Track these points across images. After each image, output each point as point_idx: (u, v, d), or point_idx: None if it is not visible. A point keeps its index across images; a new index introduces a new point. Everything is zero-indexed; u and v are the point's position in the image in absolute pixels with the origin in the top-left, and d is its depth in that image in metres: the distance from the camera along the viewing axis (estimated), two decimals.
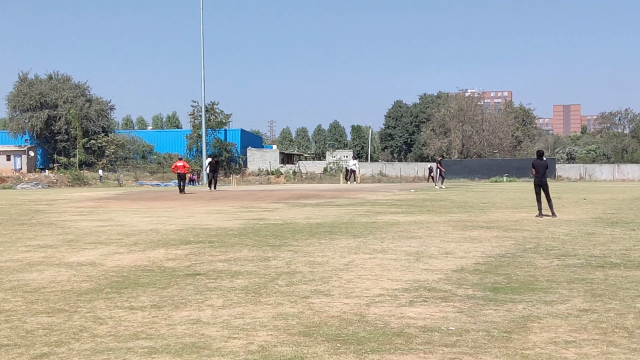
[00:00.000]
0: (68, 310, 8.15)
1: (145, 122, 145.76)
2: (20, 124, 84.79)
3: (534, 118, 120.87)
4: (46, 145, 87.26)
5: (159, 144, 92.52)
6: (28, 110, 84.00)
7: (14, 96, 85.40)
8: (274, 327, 7.26)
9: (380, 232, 17.14)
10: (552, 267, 11.28)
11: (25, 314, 8.01)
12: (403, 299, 8.68)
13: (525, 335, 6.87)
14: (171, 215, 23.24)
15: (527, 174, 68.01)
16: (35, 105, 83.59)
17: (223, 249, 13.79)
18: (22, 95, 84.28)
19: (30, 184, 64.86)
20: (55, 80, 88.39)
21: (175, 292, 9.25)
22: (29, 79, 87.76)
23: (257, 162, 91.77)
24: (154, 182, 73.40)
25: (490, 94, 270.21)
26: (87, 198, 36.46)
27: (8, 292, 9.34)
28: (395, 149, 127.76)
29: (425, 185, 62.16)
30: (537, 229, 17.81)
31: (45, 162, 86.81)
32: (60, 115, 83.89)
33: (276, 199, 33.15)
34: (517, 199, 32.93)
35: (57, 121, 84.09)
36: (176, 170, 41.35)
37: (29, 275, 10.79)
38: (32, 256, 13.05)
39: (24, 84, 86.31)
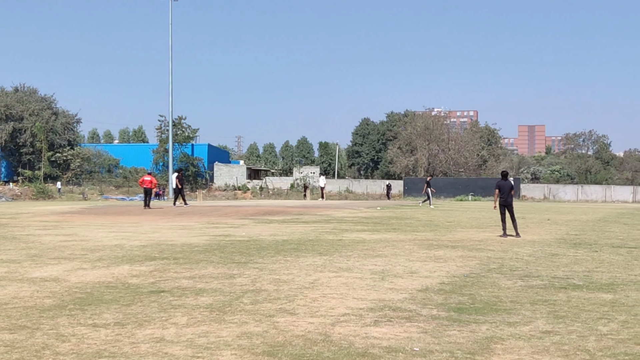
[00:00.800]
0: (30, 327, 8.07)
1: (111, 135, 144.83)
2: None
3: (499, 138, 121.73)
4: (11, 157, 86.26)
5: (125, 158, 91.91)
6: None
7: None
8: (238, 346, 7.24)
9: (346, 250, 17.17)
10: (515, 287, 11.36)
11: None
12: (368, 318, 8.70)
13: (489, 356, 6.92)
14: (136, 231, 23.09)
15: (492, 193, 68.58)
16: (0, 118, 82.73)
17: (188, 266, 13.73)
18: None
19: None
20: (21, 93, 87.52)
21: (139, 309, 9.20)
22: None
23: (224, 177, 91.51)
24: (120, 196, 72.87)
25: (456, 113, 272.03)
26: (51, 212, 36.11)
27: None
28: (362, 166, 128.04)
29: (391, 203, 62.29)
30: (501, 249, 17.93)
31: (10, 174, 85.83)
32: (26, 128, 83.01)
33: (242, 215, 33.06)
34: (482, 219, 33.15)
35: (23, 134, 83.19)
36: (143, 185, 41.08)
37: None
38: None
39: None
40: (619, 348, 7.30)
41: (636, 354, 7.03)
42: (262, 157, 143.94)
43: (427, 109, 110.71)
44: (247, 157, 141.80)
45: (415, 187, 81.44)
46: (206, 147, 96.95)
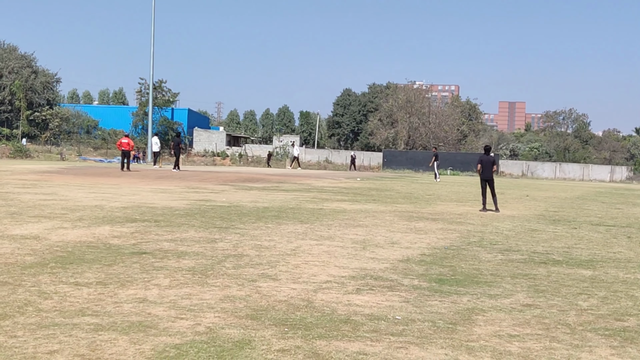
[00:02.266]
0: (12, 284, 8.04)
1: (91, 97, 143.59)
2: None
3: (479, 113, 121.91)
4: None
5: (104, 120, 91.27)
6: None
7: None
8: (222, 309, 7.25)
9: (327, 219, 17.19)
10: (496, 261, 11.44)
11: None
12: (350, 286, 8.74)
13: (470, 327, 6.97)
14: (116, 192, 23.00)
15: (471, 168, 68.71)
16: None
17: (169, 229, 13.71)
18: None
19: None
20: (0, 50, 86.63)
21: (121, 270, 9.18)
22: None
23: (203, 142, 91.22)
24: (98, 158, 72.48)
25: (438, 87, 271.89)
26: (30, 171, 35.88)
27: None
28: (342, 137, 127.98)
29: (370, 174, 62.35)
30: (481, 223, 18.03)
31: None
32: (5, 86, 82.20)
33: (222, 181, 33.02)
34: (461, 193, 33.29)
35: (1, 91, 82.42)
36: (121, 147, 40.89)
37: None
38: None
39: None
40: (599, 323, 7.37)
41: (616, 329, 7.10)
42: (242, 124, 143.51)
43: (409, 81, 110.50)
44: (227, 124, 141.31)
45: (394, 160, 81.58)
46: (186, 111, 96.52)
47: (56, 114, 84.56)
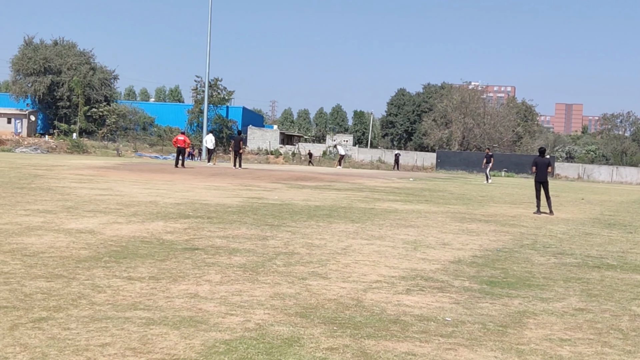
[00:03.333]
0: (67, 277, 8.18)
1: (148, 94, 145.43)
2: (23, 87, 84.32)
3: (535, 115, 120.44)
4: (47, 110, 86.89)
5: (161, 117, 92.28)
6: (32, 74, 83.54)
7: (18, 59, 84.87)
8: (271, 306, 7.29)
9: (378, 218, 17.17)
10: (549, 264, 11.32)
11: (24, 277, 8.04)
12: (400, 286, 8.72)
13: (521, 330, 6.91)
14: (170, 189, 23.25)
15: (526, 170, 67.99)
16: (39, 70, 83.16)
17: (222, 226, 13.81)
18: (26, 59, 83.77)
19: (29, 149, 64.74)
20: (60, 46, 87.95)
21: (173, 265, 9.28)
22: (34, 43, 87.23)
23: (257, 141, 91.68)
24: (153, 155, 73.31)
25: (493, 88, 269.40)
26: (86, 166, 36.43)
27: (7, 255, 9.36)
28: (395, 136, 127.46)
29: (424, 174, 62.10)
30: (534, 225, 17.85)
31: (46, 127, 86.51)
32: (64, 82, 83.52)
33: (275, 179, 33.15)
34: (515, 195, 32.97)
35: (60, 87, 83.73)
36: (176, 144, 41.28)
37: (28, 239, 10.81)
38: (31, 220, 13.06)
39: (29, 48, 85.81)
40: None
41: None
42: (296, 122, 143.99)
43: (464, 82, 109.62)
44: (281, 122, 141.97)
45: (448, 161, 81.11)
46: (241, 109, 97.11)
47: (113, 110, 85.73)
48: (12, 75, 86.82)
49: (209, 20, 73.94)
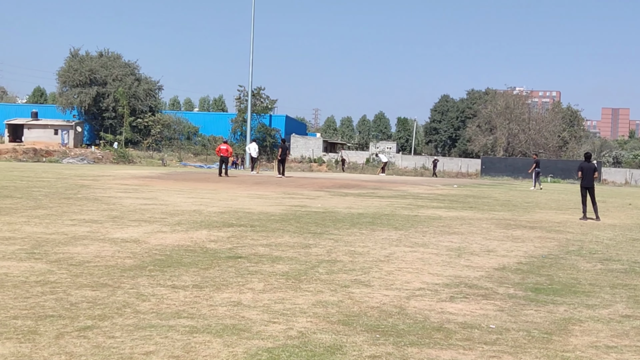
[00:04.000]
0: (112, 286, 8.26)
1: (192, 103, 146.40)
2: (69, 99, 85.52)
3: (581, 120, 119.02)
4: (93, 121, 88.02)
5: (204, 126, 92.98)
6: (77, 86, 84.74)
7: (64, 71, 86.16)
8: (314, 314, 7.29)
9: (421, 226, 17.10)
10: (595, 270, 11.18)
11: (70, 286, 8.14)
12: (443, 294, 8.67)
13: (566, 337, 6.83)
14: (214, 198, 23.38)
15: (572, 176, 67.26)
16: (84, 82, 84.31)
17: (265, 234, 13.86)
18: (72, 71, 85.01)
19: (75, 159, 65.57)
20: (105, 58, 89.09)
21: (216, 273, 9.33)
22: (79, 55, 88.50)
23: (300, 149, 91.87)
24: (198, 164, 73.82)
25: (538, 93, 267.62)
26: (131, 176, 36.80)
27: (54, 264, 9.49)
28: (439, 143, 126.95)
29: (468, 181, 61.71)
30: (580, 231, 17.65)
31: (92, 138, 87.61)
32: (109, 93, 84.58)
33: (318, 187, 33.18)
34: (561, 200, 32.62)
35: (106, 98, 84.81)
36: (219, 153, 41.55)
37: (74, 249, 10.95)
38: (77, 230, 13.23)
39: (74, 60, 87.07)
40: None
41: None
42: (339, 130, 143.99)
43: (508, 87, 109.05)
44: (324, 130, 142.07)
45: (493, 167, 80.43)
46: (284, 118, 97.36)
47: (158, 120, 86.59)
48: (58, 87, 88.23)
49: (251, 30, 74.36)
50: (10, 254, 10.20)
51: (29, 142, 77.54)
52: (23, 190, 22.75)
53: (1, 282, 8.19)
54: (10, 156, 64.47)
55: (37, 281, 8.34)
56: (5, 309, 6.94)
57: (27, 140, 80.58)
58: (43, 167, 47.47)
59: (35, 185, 26.09)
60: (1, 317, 6.65)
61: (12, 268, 9.10)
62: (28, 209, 16.95)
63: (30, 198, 19.89)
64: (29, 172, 37.09)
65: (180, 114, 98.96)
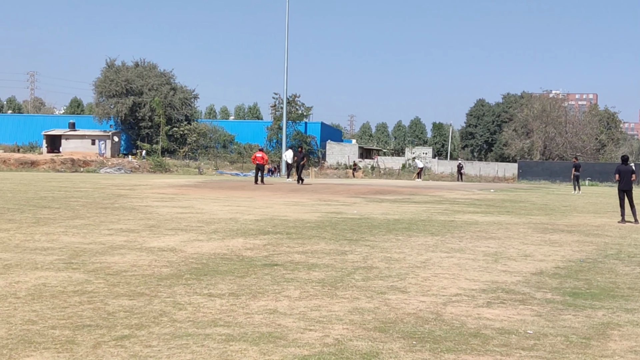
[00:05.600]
0: (148, 295, 8.32)
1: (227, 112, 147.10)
2: (106, 109, 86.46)
3: (619, 122, 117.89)
4: (130, 131, 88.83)
5: (240, 134, 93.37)
6: (114, 96, 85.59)
7: (100, 82, 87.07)
8: (350, 321, 7.29)
9: (458, 231, 17.03)
10: (634, 274, 11.06)
11: (107, 296, 8.21)
12: (480, 299, 8.62)
13: (605, 342, 6.76)
14: (250, 205, 23.46)
15: (610, 179, 66.57)
16: (120, 92, 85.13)
17: (300, 241, 13.88)
18: (108, 82, 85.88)
19: (113, 169, 66.19)
20: (141, 68, 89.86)
21: (253, 281, 9.36)
22: (115, 65, 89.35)
23: (336, 155, 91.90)
24: (234, 172, 74.11)
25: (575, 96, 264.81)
26: (168, 185, 37.07)
27: (91, 274, 9.58)
28: (475, 147, 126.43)
29: (505, 185, 61.34)
30: (619, 235, 17.46)
31: (129, 147, 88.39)
32: (145, 102, 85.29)
33: (354, 194, 33.17)
34: (599, 204, 32.30)
35: (142, 108, 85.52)
36: (255, 161, 41.71)
37: (111, 258, 11.04)
38: (114, 239, 13.34)
39: (110, 70, 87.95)
40: None
41: None
42: (374, 136, 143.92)
43: (544, 90, 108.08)
44: (360, 136, 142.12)
45: (530, 171, 79.82)
46: (319, 125, 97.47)
47: (194, 129, 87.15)
48: (95, 97, 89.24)
49: (285, 38, 74.59)
50: (48, 264, 10.32)
51: (67, 153, 78.44)
52: (61, 201, 23.01)
53: (39, 292, 8.29)
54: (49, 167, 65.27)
55: (75, 291, 8.43)
56: (44, 319, 7.02)
57: (65, 150, 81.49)
58: (80, 177, 47.98)
59: (73, 195, 26.37)
60: (39, 327, 6.73)
61: (50, 278, 9.20)
62: (66, 219, 17.14)
63: (68, 208, 20.11)
64: (67, 182, 37.51)
65: (216, 122, 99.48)
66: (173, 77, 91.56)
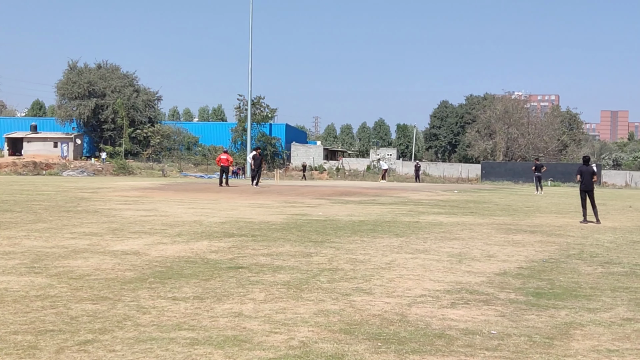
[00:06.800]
0: (112, 299, 8.26)
1: (191, 114, 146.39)
2: (68, 111, 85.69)
3: (580, 123, 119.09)
4: (93, 133, 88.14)
5: (204, 136, 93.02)
6: (76, 98, 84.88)
7: (62, 84, 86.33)
8: (315, 323, 7.28)
9: (422, 232, 17.10)
10: (596, 274, 11.17)
11: (70, 300, 8.13)
12: (445, 300, 8.66)
13: (568, 342, 6.82)
14: (215, 208, 23.39)
15: (572, 179, 67.24)
16: (83, 94, 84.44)
17: (265, 243, 13.85)
18: (71, 84, 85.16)
19: (75, 172, 65.67)
20: (104, 70, 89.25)
21: (217, 284, 9.32)
22: (78, 67, 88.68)
23: (300, 157, 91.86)
24: (198, 174, 73.90)
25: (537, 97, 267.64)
26: (131, 187, 36.83)
27: (54, 278, 9.48)
28: (439, 149, 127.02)
29: (468, 186, 61.70)
30: (581, 235, 17.64)
31: (92, 150, 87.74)
32: (108, 105, 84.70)
33: (319, 195, 33.19)
34: (562, 204, 32.61)
35: (105, 110, 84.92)
36: (219, 163, 41.59)
37: (74, 262, 10.94)
38: (77, 243, 13.23)
39: (73, 72, 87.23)
40: None
41: None
42: (339, 138, 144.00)
43: (506, 92, 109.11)
44: (324, 138, 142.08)
45: (493, 172, 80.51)
46: (284, 127, 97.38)
47: (157, 131, 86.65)
48: (57, 99, 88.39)
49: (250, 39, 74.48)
50: (10, 269, 10.20)
51: (29, 156, 77.71)
52: (23, 204, 22.77)
53: (1, 297, 8.19)
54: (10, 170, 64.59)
55: (37, 295, 8.34)
56: (5, 324, 6.94)
57: (27, 153, 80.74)
58: (43, 180, 47.52)
59: (35, 198, 26.11)
60: (1, 332, 6.64)
61: (12, 283, 9.10)
62: (28, 222, 16.97)
63: (30, 212, 19.91)
64: (29, 186, 37.14)
65: (180, 124, 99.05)
66: (136, 78, 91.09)
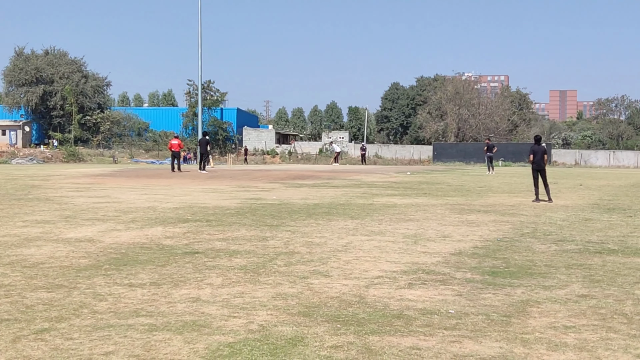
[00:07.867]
0: (67, 286, 8.16)
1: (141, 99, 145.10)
2: (16, 98, 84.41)
3: (530, 103, 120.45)
4: (41, 120, 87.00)
5: (155, 122, 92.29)
6: (24, 85, 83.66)
7: (9, 71, 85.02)
8: (274, 306, 7.27)
9: (377, 214, 17.15)
10: (550, 252, 11.30)
11: (25, 289, 8.02)
12: (402, 281, 8.70)
13: (525, 319, 6.89)
14: (168, 193, 23.22)
15: (523, 159, 67.99)
16: (30, 80, 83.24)
17: (221, 228, 13.79)
18: (17, 70, 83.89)
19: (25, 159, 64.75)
20: (51, 56, 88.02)
21: (174, 270, 9.26)
22: (25, 53, 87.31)
23: (252, 141, 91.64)
24: (150, 160, 73.33)
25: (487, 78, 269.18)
26: (83, 174, 36.39)
27: (7, 267, 9.34)
28: (391, 131, 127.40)
29: (421, 168, 62.05)
30: (534, 213, 17.83)
31: (41, 137, 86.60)
32: (56, 91, 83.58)
33: (272, 179, 33.13)
34: (514, 184, 32.95)
35: (53, 97, 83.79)
36: (171, 148, 41.30)
37: (27, 251, 10.80)
38: (29, 231, 13.04)
39: (20, 59, 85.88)
40: None
41: None
42: (291, 121, 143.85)
43: (457, 73, 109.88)
44: (276, 122, 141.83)
45: (444, 153, 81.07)
46: (235, 111, 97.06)
47: (107, 117, 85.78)
48: (4, 86, 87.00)
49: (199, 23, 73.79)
50: None
51: None
52: None
53: None
54: None
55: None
56: None
57: None
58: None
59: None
60: None
61: None
62: None
63: None
64: None
65: (130, 110, 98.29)
66: (84, 64, 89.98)
